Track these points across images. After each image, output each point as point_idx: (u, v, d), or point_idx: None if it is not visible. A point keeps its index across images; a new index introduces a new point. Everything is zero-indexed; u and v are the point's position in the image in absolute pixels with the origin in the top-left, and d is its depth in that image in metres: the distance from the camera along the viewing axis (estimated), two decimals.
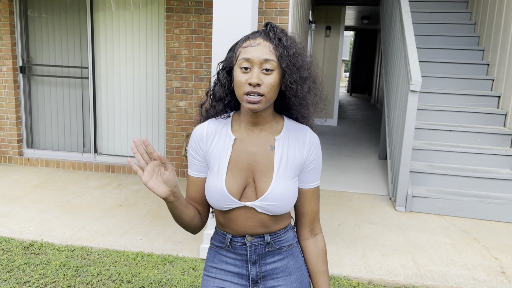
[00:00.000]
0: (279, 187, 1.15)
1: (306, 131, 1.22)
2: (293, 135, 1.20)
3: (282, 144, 1.18)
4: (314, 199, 1.24)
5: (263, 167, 1.17)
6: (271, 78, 1.09)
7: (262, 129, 1.19)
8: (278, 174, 1.16)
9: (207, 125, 1.22)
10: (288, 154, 1.18)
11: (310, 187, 1.23)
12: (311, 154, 1.20)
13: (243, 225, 1.18)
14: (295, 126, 1.22)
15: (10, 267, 2.75)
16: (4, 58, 5.07)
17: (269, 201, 1.15)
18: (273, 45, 1.10)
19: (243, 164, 1.17)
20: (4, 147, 5.28)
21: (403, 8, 4.86)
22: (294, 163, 1.18)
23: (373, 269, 2.93)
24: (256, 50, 1.09)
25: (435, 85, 5.34)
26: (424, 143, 4.58)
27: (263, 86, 1.09)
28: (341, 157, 6.21)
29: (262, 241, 1.21)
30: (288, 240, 1.24)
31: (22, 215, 3.63)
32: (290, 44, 1.12)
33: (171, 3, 4.68)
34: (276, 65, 1.10)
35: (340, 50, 9.03)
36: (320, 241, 1.27)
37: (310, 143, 1.20)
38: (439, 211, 4.03)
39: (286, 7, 4.39)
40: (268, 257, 1.23)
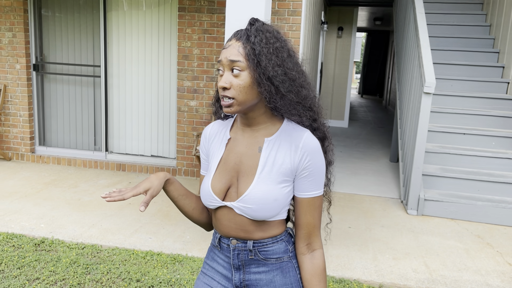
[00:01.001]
0: (258, 189, 1.10)
1: (302, 135, 1.12)
2: (287, 138, 1.13)
3: (271, 146, 1.13)
4: (311, 211, 1.15)
5: (247, 168, 1.13)
6: (240, 79, 1.06)
7: (255, 130, 1.15)
8: (260, 176, 1.11)
9: (212, 125, 1.25)
10: (276, 158, 1.12)
11: (305, 196, 1.13)
12: (304, 160, 1.11)
13: (226, 225, 1.16)
14: (292, 129, 1.14)
15: (21, 263, 2.77)
16: (18, 56, 5.12)
17: (247, 203, 1.10)
18: (243, 45, 1.06)
19: (230, 164, 1.16)
20: (16, 144, 5.33)
21: (417, 9, 4.81)
22: (281, 167, 1.11)
23: (384, 272, 2.89)
24: (226, 52, 1.07)
25: (449, 87, 5.27)
26: (437, 146, 4.52)
27: (232, 89, 1.06)
28: (352, 159, 6.16)
29: (245, 247, 1.16)
30: (276, 253, 1.17)
31: (34, 212, 3.66)
32: (259, 41, 1.05)
33: (183, 3, 4.68)
34: (245, 65, 1.05)
35: (352, 51, 8.97)
36: (318, 258, 1.16)
37: (304, 148, 1.10)
38: (452, 215, 3.97)
39: (299, 7, 4.37)
40: (252, 266, 1.17)
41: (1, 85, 5.17)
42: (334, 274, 2.84)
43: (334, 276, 2.82)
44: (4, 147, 5.36)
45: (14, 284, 2.53)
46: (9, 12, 5.03)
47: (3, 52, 5.14)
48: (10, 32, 5.07)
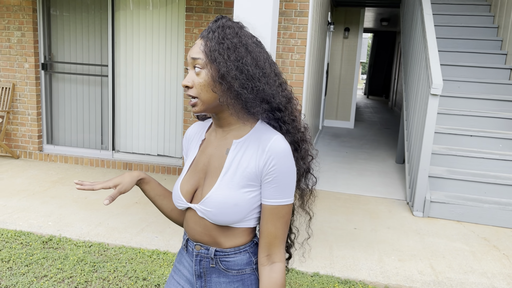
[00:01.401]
0: (218, 193, 1.05)
1: (271, 137, 1.04)
2: (255, 141, 1.06)
3: (238, 149, 1.07)
4: (273, 220, 1.05)
5: (213, 170, 1.10)
6: (200, 77, 1.04)
7: (226, 131, 1.11)
8: (222, 179, 1.06)
9: (192, 127, 1.24)
10: (241, 161, 1.06)
11: (268, 204, 1.05)
12: (269, 164, 1.02)
13: (193, 228, 1.13)
14: (263, 132, 1.07)
15: (29, 261, 2.79)
16: (26, 55, 5.16)
17: (207, 206, 1.07)
18: (204, 42, 1.04)
19: (200, 165, 1.14)
20: (25, 143, 5.37)
21: (425, 10, 4.79)
22: (245, 171, 1.05)
23: (389, 274, 2.89)
24: (191, 50, 1.06)
25: (456, 89, 5.25)
26: (444, 147, 4.51)
27: (194, 87, 1.05)
28: (358, 160, 6.15)
29: (207, 254, 1.12)
30: (238, 264, 1.10)
31: (41, 210, 3.69)
32: (215, 38, 1.02)
33: (191, 3, 4.70)
34: (205, 62, 1.02)
35: (358, 52, 8.95)
36: (276, 271, 1.06)
37: (270, 151, 1.02)
38: (458, 217, 3.96)
39: (306, 8, 4.38)
40: (213, 275, 1.12)
41: (10, 84, 5.21)
42: (339, 275, 2.84)
43: (339, 277, 2.82)
44: (12, 145, 5.40)
45: (22, 281, 2.55)
46: (18, 12, 5.07)
47: (12, 51, 5.18)
48: (19, 31, 5.12)
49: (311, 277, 2.80)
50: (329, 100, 9.29)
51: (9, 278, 2.58)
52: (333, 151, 6.63)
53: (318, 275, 2.82)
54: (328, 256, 3.11)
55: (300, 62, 4.48)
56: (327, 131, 8.51)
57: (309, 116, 5.45)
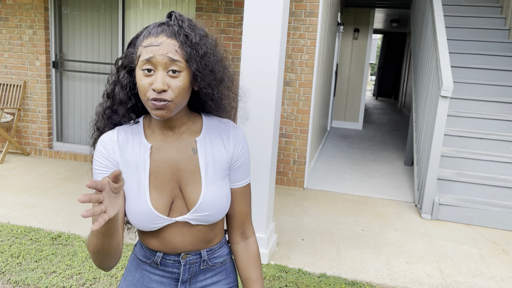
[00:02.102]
0: (210, 193, 1.03)
1: (228, 125, 1.10)
2: (215, 132, 1.08)
3: (204, 145, 1.06)
4: (244, 199, 1.12)
5: (188, 175, 1.03)
6: (179, 81, 0.95)
7: (179, 133, 1.05)
8: (206, 179, 1.04)
9: (117, 133, 1.04)
10: (214, 155, 1.06)
11: (239, 186, 1.10)
12: (237, 150, 1.08)
13: (180, 241, 1.05)
14: (216, 123, 1.10)
15: (38, 256, 2.82)
16: (38, 53, 5.21)
17: (202, 211, 1.02)
18: (179, 43, 0.95)
19: (166, 175, 1.02)
20: (35, 140, 5.43)
21: (436, 11, 4.77)
22: (221, 163, 1.06)
23: (397, 276, 2.87)
24: (158, 49, 0.93)
25: (467, 91, 5.21)
26: (453, 150, 4.48)
27: (170, 91, 0.94)
28: (366, 161, 6.13)
29: (198, 259, 1.09)
30: (221, 256, 1.13)
31: (51, 207, 3.72)
32: (199, 41, 0.97)
33: (201, 3, 4.71)
34: (184, 65, 0.95)
35: (368, 53, 8.92)
36: (252, 245, 1.15)
37: (235, 138, 1.08)
38: (467, 220, 3.93)
39: (316, 9, 4.37)
40: (200, 275, 1.11)
41: (21, 81, 5.27)
42: (346, 276, 2.83)
43: (346, 278, 2.81)
44: (22, 142, 5.46)
45: (32, 276, 2.58)
46: (30, 10, 5.13)
47: (23, 49, 5.24)
48: (30, 29, 5.17)
49: (318, 277, 2.80)
50: (337, 101, 9.27)
51: (18, 274, 2.61)
52: (341, 152, 6.61)
53: (325, 276, 2.82)
54: (335, 257, 3.10)
55: (309, 63, 4.48)
56: (335, 132, 8.49)
57: (318, 116, 5.45)
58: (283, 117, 4.64)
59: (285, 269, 2.88)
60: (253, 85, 2.80)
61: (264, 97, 2.80)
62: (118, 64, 1.04)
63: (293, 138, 4.66)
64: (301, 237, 3.43)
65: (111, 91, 1.05)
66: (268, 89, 2.79)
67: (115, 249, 0.97)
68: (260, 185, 2.90)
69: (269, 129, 2.83)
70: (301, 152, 4.66)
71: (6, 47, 5.27)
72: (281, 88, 2.95)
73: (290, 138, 4.67)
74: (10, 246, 2.95)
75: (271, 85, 2.78)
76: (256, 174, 2.90)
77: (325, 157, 6.22)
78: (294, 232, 3.52)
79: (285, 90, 4.59)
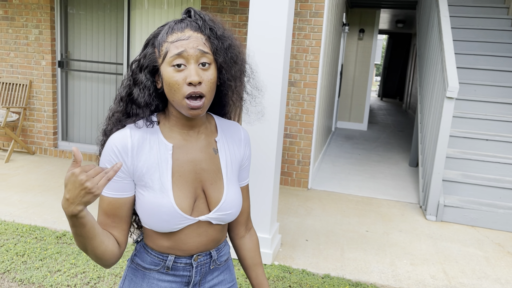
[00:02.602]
0: (231, 193, 1.05)
1: (238, 127, 1.14)
2: (228, 133, 1.11)
3: (223, 145, 1.08)
4: (247, 196, 1.19)
5: (212, 174, 1.04)
6: (210, 73, 0.94)
7: (199, 132, 1.04)
8: (227, 178, 1.06)
9: (130, 133, 0.99)
10: (230, 155, 1.09)
11: (245, 184, 1.17)
12: (247, 151, 1.14)
13: (195, 241, 1.03)
14: (227, 123, 1.12)
15: (43, 255, 2.84)
16: (44, 53, 5.24)
17: (225, 210, 1.04)
18: (206, 37, 0.95)
19: (190, 175, 1.01)
20: (40, 139, 5.45)
21: (441, 12, 4.74)
22: (236, 163, 1.10)
23: (401, 278, 2.86)
24: (188, 43, 0.93)
25: (472, 93, 5.18)
26: (459, 151, 4.46)
27: (203, 84, 0.93)
28: (371, 162, 6.11)
29: (208, 259, 1.09)
30: (226, 254, 1.16)
31: (56, 206, 3.74)
32: (223, 34, 0.98)
33: (206, 3, 4.72)
34: (212, 58, 0.95)
35: (373, 53, 8.89)
36: (254, 234, 1.23)
37: (245, 139, 1.14)
38: (472, 222, 3.91)
39: (321, 9, 4.36)
40: (208, 275, 1.11)
41: (27, 80, 5.29)
42: (350, 278, 2.82)
43: (350, 279, 2.81)
44: (28, 141, 5.49)
45: (36, 275, 2.59)
46: (36, 10, 5.15)
47: (29, 48, 5.26)
48: (36, 29, 5.19)
49: (321, 278, 2.79)
50: (342, 102, 9.25)
51: (23, 272, 2.62)
52: (345, 153, 6.59)
53: (329, 277, 2.81)
54: (339, 258, 3.09)
55: (314, 63, 4.47)
56: (340, 133, 8.47)
57: (322, 117, 5.44)
58: (287, 118, 4.63)
59: (289, 269, 2.88)
60: None
61: (269, 97, 2.80)
62: (134, 66, 1.00)
63: (297, 139, 4.65)
64: (305, 237, 3.43)
65: (126, 94, 1.01)
66: (273, 89, 2.78)
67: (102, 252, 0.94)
68: (264, 185, 2.90)
69: (273, 129, 2.83)
70: (306, 152, 4.65)
71: (13, 46, 5.30)
72: (286, 88, 2.95)
73: (294, 139, 4.66)
74: (15, 244, 2.96)
75: (276, 85, 2.77)
76: (260, 175, 2.89)
77: (330, 158, 6.21)
78: (298, 232, 3.52)
79: (290, 91, 4.59)
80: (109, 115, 1.04)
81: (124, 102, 1.01)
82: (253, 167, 2.89)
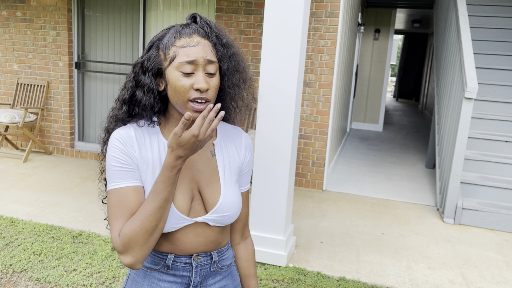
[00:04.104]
0: (228, 195, 1.06)
1: (241, 132, 1.15)
2: (229, 137, 1.12)
3: (221, 148, 1.09)
4: (246, 203, 1.19)
5: (207, 176, 1.05)
6: (215, 80, 0.98)
7: None
8: (225, 181, 1.07)
9: (134, 129, 1.02)
10: (229, 159, 1.10)
11: (245, 190, 1.16)
12: (247, 157, 1.14)
13: (193, 241, 1.04)
14: (228, 128, 1.14)
15: (59, 254, 2.86)
16: (61, 54, 5.31)
17: (222, 212, 1.04)
18: (212, 44, 0.98)
19: (186, 176, 1.03)
20: (57, 139, 5.52)
21: (460, 11, 4.66)
22: (235, 167, 1.11)
23: (418, 282, 2.81)
24: (198, 51, 0.95)
25: (492, 93, 5.08)
26: (477, 153, 4.37)
27: (209, 90, 0.96)
28: (386, 164, 6.04)
29: (209, 260, 1.09)
30: (229, 258, 1.15)
31: (72, 205, 3.78)
32: (228, 42, 1.01)
33: (221, 3, 4.72)
34: (217, 66, 0.99)
35: (389, 54, 8.80)
36: (250, 243, 1.22)
37: (246, 145, 1.14)
38: (491, 225, 3.82)
39: (337, 9, 4.32)
40: (210, 278, 1.11)
41: (45, 81, 5.37)
42: (366, 281, 2.79)
43: (366, 282, 2.77)
44: (45, 142, 5.56)
45: (53, 274, 2.61)
46: (54, 11, 5.22)
47: (47, 50, 5.34)
48: (54, 30, 5.26)
49: (337, 281, 2.76)
50: (357, 102, 9.17)
51: (40, 271, 2.65)
52: (360, 154, 6.53)
53: (344, 280, 2.77)
54: (355, 261, 3.06)
55: (330, 64, 4.43)
56: (355, 134, 8.40)
57: (337, 118, 5.39)
58: (302, 118, 4.60)
59: (303, 272, 2.85)
60: (272, 85, 2.78)
61: (284, 97, 2.78)
62: (137, 68, 1.01)
63: (312, 140, 4.62)
64: (320, 239, 3.39)
65: (130, 96, 1.02)
66: (288, 90, 2.76)
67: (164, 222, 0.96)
68: (279, 186, 2.88)
69: (288, 130, 2.80)
70: (320, 153, 4.62)
71: (31, 48, 5.38)
72: (301, 88, 2.92)
73: (309, 140, 4.63)
74: (32, 243, 3.00)
75: (291, 86, 2.75)
76: (275, 175, 2.88)
77: (345, 159, 6.15)
78: (313, 234, 3.49)
79: (305, 91, 4.56)
80: (111, 114, 1.06)
81: (127, 104, 1.03)
82: (268, 168, 2.88)
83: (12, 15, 5.37)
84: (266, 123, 2.83)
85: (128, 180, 0.98)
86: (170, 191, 0.94)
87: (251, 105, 1.14)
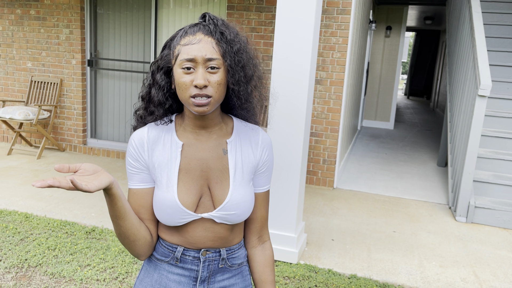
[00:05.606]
0: (237, 194, 1.06)
1: (258, 131, 1.14)
2: (245, 136, 1.12)
3: (235, 147, 1.09)
4: (265, 204, 1.17)
5: (217, 173, 1.07)
6: (218, 76, 0.99)
7: (211, 132, 1.08)
8: (235, 180, 1.07)
9: (147, 130, 1.08)
10: (242, 157, 1.10)
11: (262, 191, 1.15)
12: (264, 156, 1.13)
13: (201, 236, 1.07)
14: (246, 127, 1.14)
15: (73, 250, 2.90)
16: (74, 52, 5.36)
17: (229, 210, 1.05)
18: (216, 40, 1.00)
19: (196, 172, 1.06)
20: (70, 136, 5.59)
21: (473, 8, 4.61)
22: (249, 166, 1.10)
23: (430, 280, 2.80)
24: (198, 48, 0.98)
25: (505, 91, 5.02)
26: (491, 151, 4.33)
27: (210, 87, 0.98)
28: (398, 162, 6.01)
29: (217, 257, 1.10)
30: (240, 258, 1.15)
31: (85, 202, 3.83)
32: (233, 39, 1.02)
33: (232, 1, 4.73)
34: (221, 62, 1.00)
35: (400, 51, 8.73)
36: (268, 248, 1.19)
37: (263, 144, 1.13)
38: (504, 224, 3.79)
39: (348, 6, 4.31)
40: (218, 275, 1.12)
41: (58, 79, 5.43)
42: (377, 278, 2.78)
43: (377, 280, 2.76)
44: (58, 139, 5.63)
45: (67, 269, 2.65)
46: (67, 10, 5.27)
47: (60, 48, 5.40)
48: (67, 28, 5.32)
49: (348, 279, 2.76)
50: (368, 100, 9.12)
51: (54, 266, 2.69)
52: (371, 152, 6.50)
53: (355, 277, 2.77)
54: (366, 259, 3.05)
55: (341, 61, 4.42)
56: (365, 132, 8.36)
57: (348, 115, 5.37)
58: (313, 116, 4.60)
59: (314, 269, 2.86)
60: (284, 83, 2.79)
61: (296, 95, 2.78)
62: (153, 67, 1.06)
63: (323, 137, 4.61)
64: (331, 237, 3.40)
65: (146, 93, 1.08)
66: (300, 87, 2.76)
67: (134, 234, 1.02)
68: (290, 184, 2.89)
69: (300, 128, 2.81)
70: (331, 151, 4.61)
71: (44, 46, 5.45)
72: (312, 86, 2.92)
73: (320, 137, 4.62)
74: (47, 239, 3.04)
75: (303, 83, 2.75)
76: (286, 173, 2.88)
77: (355, 157, 6.13)
78: (324, 232, 3.49)
79: (316, 89, 4.55)
80: (134, 112, 1.13)
81: (145, 100, 1.09)
82: (279, 166, 2.88)
83: (26, 13, 5.43)
84: (277, 120, 2.84)
85: (134, 182, 1.07)
86: (113, 211, 0.98)
87: (262, 102, 1.14)
